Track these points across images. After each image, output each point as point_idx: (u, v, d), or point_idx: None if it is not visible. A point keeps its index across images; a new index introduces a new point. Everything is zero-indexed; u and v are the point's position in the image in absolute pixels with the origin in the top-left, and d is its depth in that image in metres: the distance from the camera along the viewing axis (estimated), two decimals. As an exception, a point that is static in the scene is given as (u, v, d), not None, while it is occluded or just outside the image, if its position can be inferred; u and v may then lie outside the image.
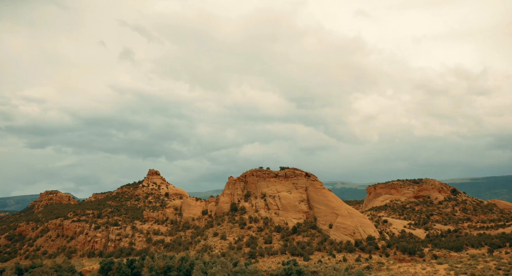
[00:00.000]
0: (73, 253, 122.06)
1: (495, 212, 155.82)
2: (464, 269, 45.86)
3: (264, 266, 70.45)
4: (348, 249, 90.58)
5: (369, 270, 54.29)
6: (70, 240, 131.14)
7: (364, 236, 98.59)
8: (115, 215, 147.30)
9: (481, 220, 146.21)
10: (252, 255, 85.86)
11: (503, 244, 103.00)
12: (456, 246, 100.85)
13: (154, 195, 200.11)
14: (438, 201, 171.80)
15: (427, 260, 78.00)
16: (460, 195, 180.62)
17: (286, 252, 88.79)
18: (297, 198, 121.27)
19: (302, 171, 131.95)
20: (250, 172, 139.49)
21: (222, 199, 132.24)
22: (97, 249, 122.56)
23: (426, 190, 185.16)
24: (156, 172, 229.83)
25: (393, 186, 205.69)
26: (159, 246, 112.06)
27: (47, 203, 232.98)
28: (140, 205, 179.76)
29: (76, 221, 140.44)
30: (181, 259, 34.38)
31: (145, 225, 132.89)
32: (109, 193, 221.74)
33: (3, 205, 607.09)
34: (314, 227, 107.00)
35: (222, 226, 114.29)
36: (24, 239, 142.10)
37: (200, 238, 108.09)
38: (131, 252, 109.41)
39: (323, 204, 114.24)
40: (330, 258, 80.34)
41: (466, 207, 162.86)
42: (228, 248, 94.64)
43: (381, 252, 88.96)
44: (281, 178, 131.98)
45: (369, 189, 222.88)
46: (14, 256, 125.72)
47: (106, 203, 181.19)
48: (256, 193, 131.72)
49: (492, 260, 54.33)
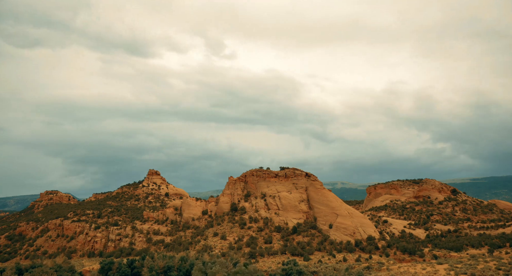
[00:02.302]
0: (73, 253, 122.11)
1: (495, 212, 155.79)
2: (464, 269, 45.87)
3: (264, 266, 70.46)
4: (348, 249, 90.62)
5: (369, 270, 54.29)
6: (70, 240, 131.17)
7: (364, 236, 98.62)
8: (115, 215, 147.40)
9: (481, 220, 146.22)
10: (252, 255, 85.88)
11: (503, 244, 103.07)
12: (456, 246, 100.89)
13: (154, 195, 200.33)
14: (438, 201, 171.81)
15: (427, 260, 78.04)
16: (460, 195, 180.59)
17: (286, 252, 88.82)
18: (297, 198, 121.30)
19: (302, 171, 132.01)
20: (250, 172, 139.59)
21: (222, 199, 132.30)
22: (97, 249, 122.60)
23: (426, 190, 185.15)
24: (156, 172, 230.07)
25: (393, 186, 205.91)
26: (159, 246, 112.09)
27: (47, 203, 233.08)
28: (140, 205, 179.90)
29: (76, 221, 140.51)
30: (181, 259, 34.41)
31: (145, 225, 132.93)
32: (109, 193, 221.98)
33: (3, 205, 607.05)
34: (314, 227, 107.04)
35: (222, 226, 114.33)
36: (24, 239, 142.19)
37: (200, 238, 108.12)
38: (131, 252, 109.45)
39: (323, 204, 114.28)
40: (330, 258, 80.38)
41: (466, 207, 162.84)
42: (228, 248, 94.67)
43: (381, 252, 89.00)
44: (281, 178, 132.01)
45: (369, 189, 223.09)
46: (14, 256, 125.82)
47: (106, 203, 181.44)
48: (256, 193, 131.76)
49: (492, 260, 54.33)
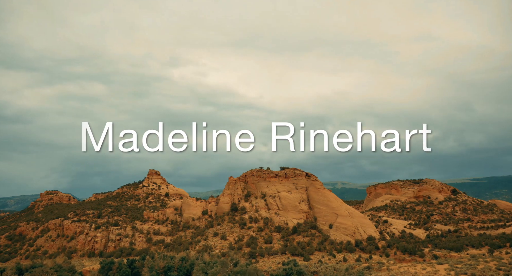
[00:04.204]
0: (73, 253, 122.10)
1: (495, 212, 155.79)
2: (465, 269, 45.88)
3: (264, 266, 70.46)
4: (348, 249, 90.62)
5: (369, 270, 54.30)
6: (70, 240, 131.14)
7: (364, 236, 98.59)
8: (115, 215, 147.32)
9: (481, 220, 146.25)
10: (252, 255, 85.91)
11: (503, 244, 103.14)
12: (456, 246, 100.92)
13: (154, 195, 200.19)
14: (438, 201, 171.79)
15: (427, 260, 78.01)
16: (460, 195, 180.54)
17: (286, 252, 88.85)
18: (297, 198, 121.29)
19: (302, 171, 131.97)
20: (250, 172, 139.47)
21: (222, 199, 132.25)
22: (97, 249, 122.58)
23: (426, 190, 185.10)
24: (156, 172, 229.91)
25: (393, 186, 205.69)
26: (159, 246, 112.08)
27: (47, 203, 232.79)
28: (140, 205, 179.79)
29: (76, 221, 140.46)
30: (181, 259, 34.42)
31: (145, 225, 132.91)
32: (109, 193, 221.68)
33: (3, 205, 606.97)
34: (314, 227, 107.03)
35: (222, 226, 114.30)
36: (24, 239, 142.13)
37: (200, 238, 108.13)
38: (131, 252, 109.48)
39: (323, 204, 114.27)
40: (330, 258, 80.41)
41: (466, 207, 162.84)
42: (228, 248, 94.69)
43: (381, 252, 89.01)
44: (281, 178, 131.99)
45: (369, 189, 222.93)
46: (14, 256, 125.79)
47: (106, 203, 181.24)
48: (256, 193, 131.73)
49: (493, 260, 54.33)
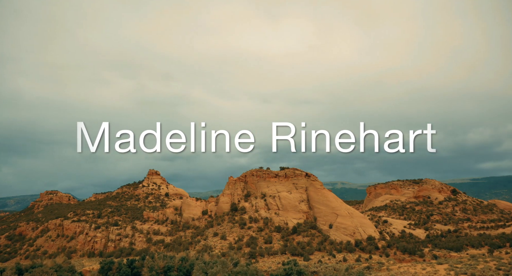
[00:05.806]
0: (73, 253, 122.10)
1: (495, 212, 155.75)
2: (464, 269, 45.87)
3: (264, 266, 70.44)
4: (348, 249, 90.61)
5: (369, 270, 54.30)
6: (70, 240, 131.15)
7: (364, 236, 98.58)
8: (115, 215, 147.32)
9: (481, 220, 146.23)
10: (252, 255, 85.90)
11: (503, 244, 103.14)
12: (456, 246, 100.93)
13: (154, 195, 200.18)
14: (438, 201, 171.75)
15: (427, 260, 78.00)
16: (460, 195, 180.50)
17: (286, 252, 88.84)
18: (297, 198, 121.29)
19: (302, 171, 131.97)
20: (250, 172, 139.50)
21: (222, 199, 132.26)
22: (97, 249, 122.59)
23: (426, 190, 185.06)
24: (156, 172, 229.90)
25: (393, 186, 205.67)
26: (159, 246, 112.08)
27: (47, 203, 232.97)
28: (140, 205, 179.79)
29: (76, 221, 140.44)
30: (181, 259, 34.40)
31: (145, 225, 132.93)
32: (109, 193, 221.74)
33: (3, 205, 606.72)
34: (314, 227, 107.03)
35: (222, 226, 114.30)
36: (24, 239, 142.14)
37: (200, 238, 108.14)
38: (131, 252, 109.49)
39: (323, 204, 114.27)
40: (330, 258, 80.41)
41: (466, 207, 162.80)
42: (228, 248, 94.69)
43: (381, 252, 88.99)
44: (281, 178, 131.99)
45: (369, 189, 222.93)
46: (14, 256, 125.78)
47: (106, 203, 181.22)
48: (256, 193, 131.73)
49: (492, 260, 54.34)
